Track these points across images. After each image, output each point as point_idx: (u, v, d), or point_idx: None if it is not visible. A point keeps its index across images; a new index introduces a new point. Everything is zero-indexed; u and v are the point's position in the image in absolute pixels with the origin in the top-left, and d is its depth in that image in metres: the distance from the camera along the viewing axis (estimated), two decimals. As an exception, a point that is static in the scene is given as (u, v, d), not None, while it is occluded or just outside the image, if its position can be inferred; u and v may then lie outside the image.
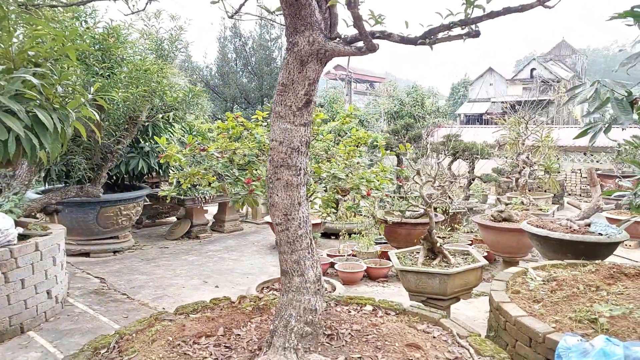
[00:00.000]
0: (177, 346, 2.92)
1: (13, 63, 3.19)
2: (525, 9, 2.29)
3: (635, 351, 1.90)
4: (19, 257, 4.61)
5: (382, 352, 2.85)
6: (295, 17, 2.49)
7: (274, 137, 2.64)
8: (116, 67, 5.66)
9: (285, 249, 2.73)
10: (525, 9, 2.29)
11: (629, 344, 2.00)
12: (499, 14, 2.31)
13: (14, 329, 4.60)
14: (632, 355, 1.88)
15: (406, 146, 4.00)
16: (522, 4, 2.28)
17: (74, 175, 6.59)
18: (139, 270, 6.73)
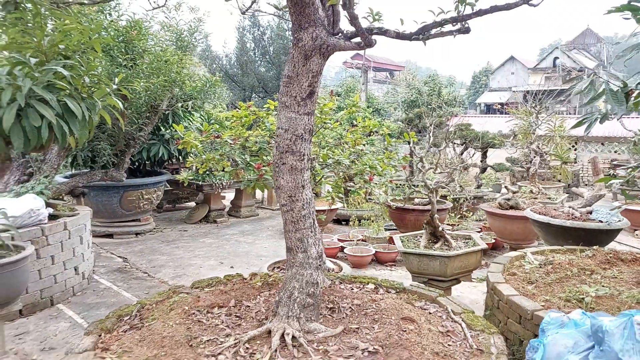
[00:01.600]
0: (192, 314, 3.22)
1: (45, 56, 3.47)
2: (510, 7, 2.48)
3: (600, 320, 2.10)
4: (49, 235, 4.97)
5: (378, 324, 3.10)
6: (300, 15, 2.71)
7: (279, 125, 2.89)
8: (138, 59, 5.96)
9: (290, 227, 2.99)
10: (511, 7, 2.48)
11: (595, 314, 2.21)
12: (487, 11, 2.50)
13: (44, 302, 4.97)
14: (596, 324, 2.08)
15: (410, 135, 4.20)
16: (508, 3, 2.47)
17: (99, 161, 6.96)
18: (159, 251, 7.10)
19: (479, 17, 2.52)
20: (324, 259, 3.12)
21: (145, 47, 6.01)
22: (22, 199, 4.92)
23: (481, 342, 2.95)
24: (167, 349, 2.77)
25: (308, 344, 2.79)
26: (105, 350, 2.85)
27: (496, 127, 13.09)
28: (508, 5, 2.45)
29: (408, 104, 18.00)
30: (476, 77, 64.24)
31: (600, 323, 2.07)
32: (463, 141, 8.88)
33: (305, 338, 2.83)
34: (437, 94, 17.24)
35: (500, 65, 45.71)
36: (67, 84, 3.35)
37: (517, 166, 10.39)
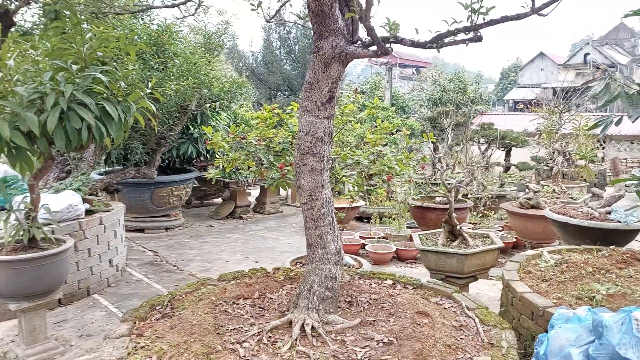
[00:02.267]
0: (219, 305, 3.44)
1: (84, 62, 3.73)
2: (520, 18, 2.60)
3: (600, 316, 2.22)
4: (86, 229, 5.28)
5: (394, 317, 3.26)
6: (321, 25, 2.89)
7: (301, 128, 3.07)
8: (169, 62, 6.23)
9: (310, 224, 3.18)
10: (521, 18, 2.60)
11: (597, 310, 2.32)
12: (497, 21, 2.62)
13: (82, 292, 5.29)
14: (597, 319, 2.20)
15: (429, 136, 4.33)
16: (518, 13, 2.59)
17: (131, 159, 7.30)
18: (188, 245, 7.40)
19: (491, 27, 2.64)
20: (342, 254, 3.28)
21: (175, 51, 6.28)
22: (62, 195, 5.24)
23: (493, 336, 3.08)
24: (196, 335, 2.99)
25: (326, 334, 2.97)
26: (139, 336, 3.09)
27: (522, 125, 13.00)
28: (518, 16, 2.57)
29: (433, 101, 17.97)
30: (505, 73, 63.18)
31: (601, 318, 2.19)
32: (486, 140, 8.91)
33: (323, 329, 3.02)
34: (463, 91, 17.17)
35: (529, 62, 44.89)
36: (105, 88, 3.61)
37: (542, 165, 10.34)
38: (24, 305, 3.84)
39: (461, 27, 2.67)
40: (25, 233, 3.83)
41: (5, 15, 5.62)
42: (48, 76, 3.49)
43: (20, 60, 3.60)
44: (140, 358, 2.77)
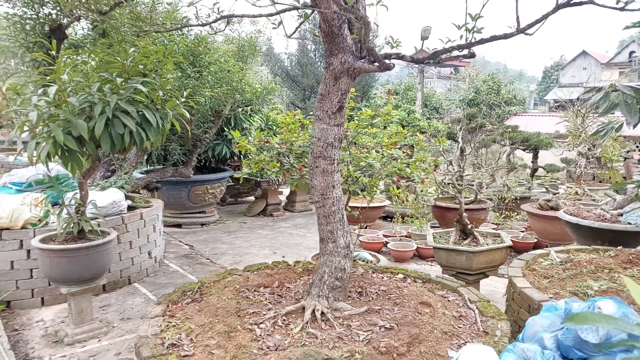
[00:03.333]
0: (242, 292, 3.84)
1: (127, 74, 4.20)
2: (507, 37, 2.87)
3: (571, 305, 2.48)
4: (128, 223, 5.81)
5: (398, 307, 3.58)
6: (331, 44, 3.24)
7: (314, 135, 3.43)
8: (204, 70, 6.71)
9: (322, 221, 3.53)
10: (508, 37, 2.87)
11: (569, 300, 2.57)
12: (487, 40, 2.90)
13: (123, 280, 5.82)
14: (568, 308, 2.46)
15: (442, 140, 4.59)
16: (505, 33, 2.87)
17: (170, 159, 7.85)
18: (221, 240, 7.89)
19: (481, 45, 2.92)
20: (351, 248, 3.62)
21: (210, 60, 6.75)
22: (107, 192, 5.78)
23: (489, 326, 3.36)
24: (220, 317, 3.40)
25: (334, 319, 3.32)
26: (171, 317, 3.53)
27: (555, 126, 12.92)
28: (505, 35, 2.84)
29: (467, 102, 17.96)
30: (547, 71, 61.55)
31: (571, 307, 2.45)
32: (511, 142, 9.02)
33: (332, 314, 3.37)
34: (496, 92, 17.10)
35: (572, 60, 43.71)
36: (145, 97, 4.06)
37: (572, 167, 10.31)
38: (74, 289, 4.35)
39: (455, 45, 2.96)
40: (75, 225, 4.34)
41: (59, 29, 6.24)
42: (96, 87, 3.96)
43: (72, 73, 4.10)
44: (171, 334, 3.20)
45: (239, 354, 2.87)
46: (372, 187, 4.57)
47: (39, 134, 3.88)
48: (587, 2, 2.63)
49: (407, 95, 18.91)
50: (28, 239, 5.02)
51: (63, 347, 4.27)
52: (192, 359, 2.91)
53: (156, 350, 2.99)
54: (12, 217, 5.03)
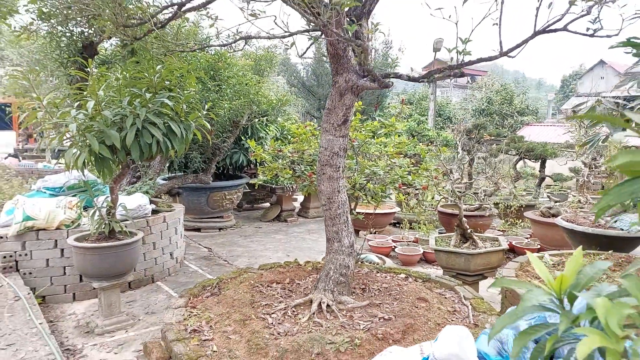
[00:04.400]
0: (256, 287, 4.23)
1: (155, 89, 4.64)
2: (492, 59, 3.23)
3: (545, 297, 2.81)
4: (152, 225, 6.25)
5: (397, 301, 3.93)
6: (337, 64, 3.64)
7: (321, 144, 3.82)
8: (223, 84, 7.17)
9: (328, 222, 3.91)
10: (492, 59, 3.23)
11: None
12: (474, 62, 3.27)
13: (147, 279, 6.25)
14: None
15: (442, 150, 4.93)
16: (490, 55, 3.23)
17: (190, 166, 8.33)
18: (237, 243, 8.30)
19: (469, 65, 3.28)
20: (355, 248, 3.99)
21: (229, 75, 7.21)
22: (133, 197, 6.24)
23: (480, 319, 3.69)
24: (236, 308, 3.79)
25: (338, 311, 3.69)
26: (193, 308, 3.93)
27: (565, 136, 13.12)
28: (490, 58, 3.20)
29: (479, 112, 18.19)
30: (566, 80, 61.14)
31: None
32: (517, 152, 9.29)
33: (337, 306, 3.73)
34: (509, 102, 17.31)
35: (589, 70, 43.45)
36: (170, 110, 4.50)
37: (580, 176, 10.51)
38: (104, 284, 4.78)
39: (446, 66, 3.33)
40: (106, 226, 4.78)
41: (91, 46, 6.76)
42: (127, 101, 4.41)
43: (106, 89, 4.56)
44: (193, 322, 3.60)
45: (253, 338, 3.25)
46: (378, 193, 4.92)
47: (76, 144, 4.33)
48: (561, 29, 2.98)
49: (421, 105, 19.20)
50: (62, 239, 5.49)
51: (94, 337, 4.69)
52: (212, 342, 3.30)
53: (180, 334, 3.39)
54: (48, 218, 5.50)
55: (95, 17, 3.87)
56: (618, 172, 9.43)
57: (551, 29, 2.98)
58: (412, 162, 5.48)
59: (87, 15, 4.05)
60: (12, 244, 5.41)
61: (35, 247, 5.46)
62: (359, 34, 3.48)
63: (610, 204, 1.10)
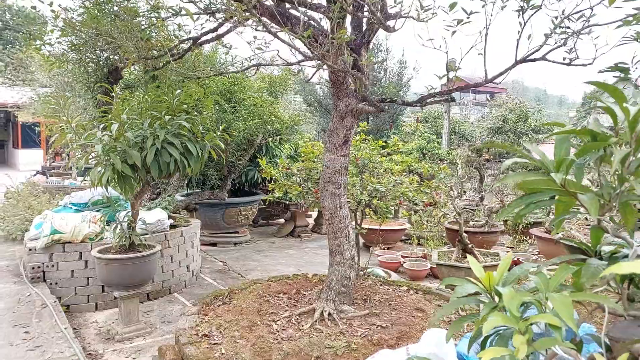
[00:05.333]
0: (263, 297, 4.51)
1: (173, 112, 5.01)
2: (478, 86, 3.51)
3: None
4: (170, 239, 6.59)
5: (396, 311, 4.16)
6: (338, 90, 3.95)
7: (324, 163, 4.12)
8: (239, 105, 7.56)
9: (331, 236, 4.18)
10: (479, 86, 3.51)
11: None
12: (462, 88, 3.55)
13: (165, 290, 6.58)
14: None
15: (443, 168, 5.19)
16: (477, 82, 3.51)
17: (207, 183, 8.71)
18: (251, 258, 8.61)
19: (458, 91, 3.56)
20: (355, 260, 4.25)
21: (244, 97, 7.61)
22: (153, 212, 6.62)
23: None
24: (244, 315, 4.08)
25: (339, 319, 3.94)
26: (205, 315, 4.23)
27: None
28: (476, 84, 3.48)
29: (494, 130, 18.32)
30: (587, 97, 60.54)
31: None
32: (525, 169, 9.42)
33: (338, 315, 3.98)
34: (524, 120, 17.42)
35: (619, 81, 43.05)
36: (187, 131, 4.85)
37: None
38: (124, 293, 5.11)
39: (437, 92, 3.62)
40: (127, 239, 5.14)
41: (116, 71, 7.23)
42: (147, 123, 4.79)
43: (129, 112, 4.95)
44: (204, 327, 3.89)
45: (258, 342, 3.53)
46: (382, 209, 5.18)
47: (100, 163, 4.72)
48: (540, 59, 3.25)
49: (436, 123, 19.41)
50: (86, 251, 5.87)
51: (114, 343, 5.01)
52: (221, 346, 3.58)
53: (192, 338, 3.69)
54: (74, 232, 5.90)
55: (120, 47, 4.27)
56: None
57: (531, 58, 3.25)
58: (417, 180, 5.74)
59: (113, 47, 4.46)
60: (40, 255, 5.81)
61: (61, 258, 5.84)
62: (357, 62, 3.80)
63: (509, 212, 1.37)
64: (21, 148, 25.24)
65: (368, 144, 5.18)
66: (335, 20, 3.12)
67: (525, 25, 3.18)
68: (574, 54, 3.21)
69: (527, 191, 1.34)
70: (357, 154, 5.24)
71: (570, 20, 3.11)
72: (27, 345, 4.10)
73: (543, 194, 1.33)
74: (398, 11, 3.60)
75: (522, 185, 1.32)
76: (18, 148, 25.56)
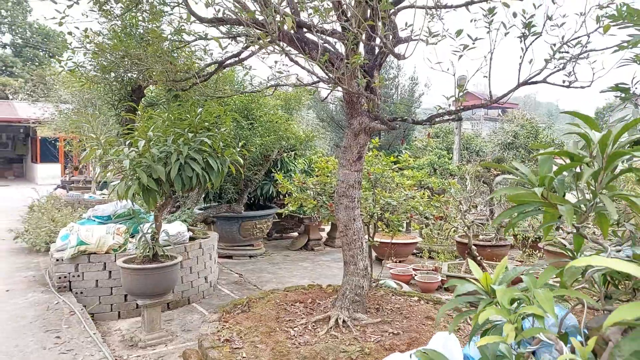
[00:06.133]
0: (281, 305, 4.74)
1: (195, 129, 5.30)
2: (484, 106, 3.74)
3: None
4: (189, 251, 6.85)
5: (407, 319, 4.36)
6: (351, 109, 4.21)
7: (338, 178, 4.36)
8: (256, 122, 7.87)
9: (345, 247, 4.41)
10: (484, 106, 3.74)
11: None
12: (468, 108, 3.79)
13: (184, 300, 6.82)
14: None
15: (452, 183, 5.40)
16: (482, 102, 3.74)
17: (224, 197, 8.99)
18: (266, 270, 8.83)
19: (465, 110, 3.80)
20: (369, 270, 4.46)
21: (260, 114, 7.92)
22: (173, 224, 6.89)
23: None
24: (263, 322, 4.30)
25: (353, 326, 4.14)
26: (225, 322, 4.46)
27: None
28: (482, 105, 3.71)
29: (505, 145, 18.45)
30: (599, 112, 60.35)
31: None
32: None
33: (352, 322, 4.19)
34: (534, 136, 17.54)
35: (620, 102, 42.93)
36: (208, 147, 5.14)
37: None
38: (147, 302, 5.36)
39: (445, 111, 3.86)
40: (151, 250, 5.41)
41: (139, 89, 7.58)
42: (171, 140, 5.08)
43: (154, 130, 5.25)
44: (225, 333, 4.12)
45: (277, 347, 3.75)
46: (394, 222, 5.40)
47: (126, 177, 5.01)
48: (541, 82, 3.48)
49: (447, 139, 19.58)
50: (110, 262, 6.15)
51: (137, 350, 5.25)
52: (242, 350, 3.81)
53: (214, 343, 3.92)
54: (99, 243, 6.19)
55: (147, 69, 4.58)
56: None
57: (532, 81, 3.48)
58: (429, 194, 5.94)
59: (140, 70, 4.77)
60: (67, 266, 6.10)
61: (86, 269, 6.13)
62: (370, 83, 4.06)
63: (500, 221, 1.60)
64: (40, 162, 25.87)
65: (380, 159, 5.42)
66: (350, 47, 3.38)
67: (527, 50, 3.43)
68: (572, 77, 3.44)
69: (516, 203, 1.57)
70: (370, 169, 5.47)
71: (569, 46, 3.34)
72: (59, 349, 4.36)
73: (529, 205, 1.55)
74: (409, 35, 3.87)
75: (511, 198, 1.55)
76: (37, 162, 26.20)
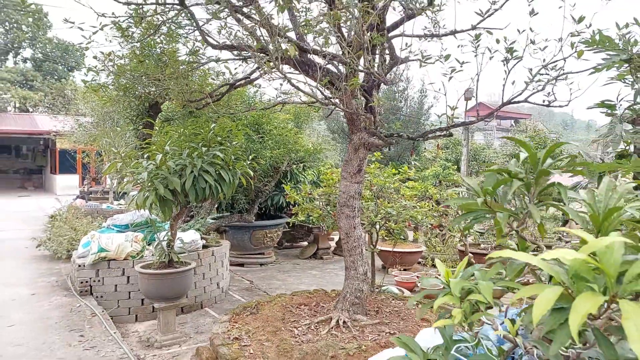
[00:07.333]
0: (287, 307, 5.07)
1: (209, 143, 5.69)
2: (472, 123, 4.07)
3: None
4: (202, 258, 7.22)
5: (404, 321, 4.66)
6: (352, 125, 4.56)
7: (340, 189, 4.70)
8: (266, 136, 8.27)
9: (346, 253, 4.74)
10: (473, 123, 4.07)
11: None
12: (459, 125, 4.12)
13: (197, 305, 7.18)
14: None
15: (450, 195, 5.71)
16: (471, 120, 4.07)
17: (236, 207, 9.38)
18: (276, 277, 9.17)
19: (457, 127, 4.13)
20: (368, 275, 4.78)
21: (270, 128, 8.32)
22: (187, 233, 7.28)
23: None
24: (269, 322, 4.64)
25: (353, 326, 4.46)
26: (234, 323, 4.80)
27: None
28: (471, 122, 4.04)
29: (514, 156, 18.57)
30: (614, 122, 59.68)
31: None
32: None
33: (352, 323, 4.51)
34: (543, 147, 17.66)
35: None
36: (221, 160, 5.52)
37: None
38: (163, 305, 5.72)
39: (437, 128, 4.19)
40: (167, 256, 5.79)
41: (156, 105, 8.03)
42: (186, 153, 5.47)
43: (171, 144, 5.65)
44: (235, 332, 4.47)
45: (281, 344, 4.08)
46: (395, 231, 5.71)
47: (144, 188, 5.40)
48: (523, 101, 3.80)
49: (456, 150, 19.81)
50: (128, 268, 6.54)
51: (153, 350, 5.60)
52: (250, 347, 4.15)
53: (224, 341, 4.26)
54: (118, 250, 6.59)
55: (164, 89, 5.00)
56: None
57: (515, 100, 3.81)
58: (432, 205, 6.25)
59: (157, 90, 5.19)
60: (88, 271, 6.50)
61: (106, 274, 6.52)
62: (369, 102, 4.42)
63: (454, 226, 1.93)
64: (58, 173, 26.59)
65: (382, 171, 5.76)
66: (349, 71, 3.75)
67: (509, 72, 3.76)
68: (552, 96, 3.76)
69: (466, 210, 1.90)
70: (373, 180, 5.80)
71: (547, 70, 3.66)
72: (83, 346, 4.74)
73: (476, 212, 1.88)
74: (407, 55, 4.23)
75: (462, 206, 1.88)
76: (56, 173, 26.93)
